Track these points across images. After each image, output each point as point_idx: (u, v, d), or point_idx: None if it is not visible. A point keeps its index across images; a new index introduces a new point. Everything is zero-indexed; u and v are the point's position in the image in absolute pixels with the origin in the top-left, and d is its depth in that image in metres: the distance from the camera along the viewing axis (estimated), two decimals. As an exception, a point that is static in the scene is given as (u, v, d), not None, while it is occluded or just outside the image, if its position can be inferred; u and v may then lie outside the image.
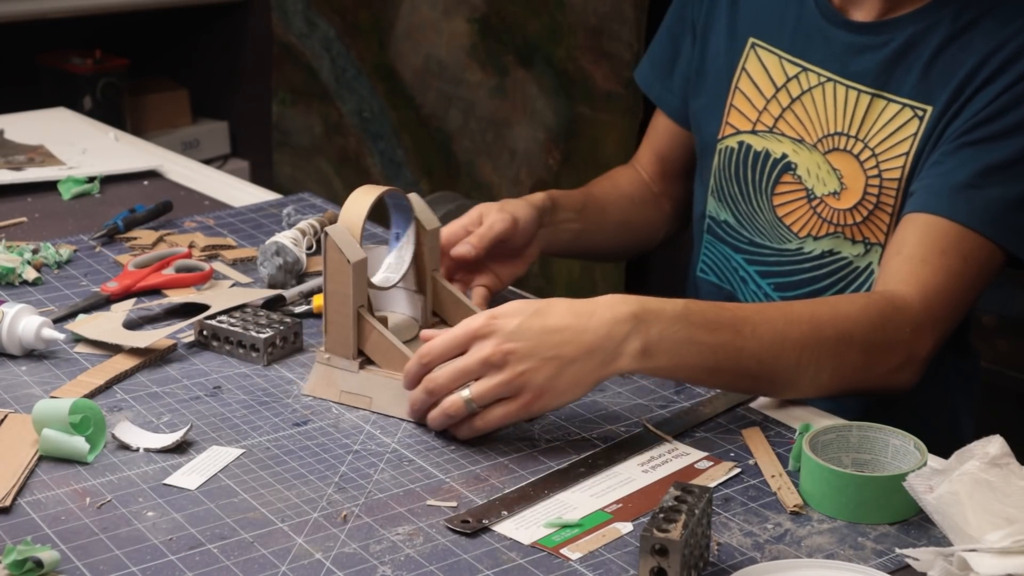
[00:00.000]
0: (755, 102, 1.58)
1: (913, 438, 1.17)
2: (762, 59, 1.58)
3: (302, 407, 1.31)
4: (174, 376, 1.37)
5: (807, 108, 1.54)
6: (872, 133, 1.50)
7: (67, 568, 1.04)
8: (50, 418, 1.19)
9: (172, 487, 1.16)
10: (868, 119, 1.50)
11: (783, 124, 1.56)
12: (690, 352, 1.24)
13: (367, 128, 3.59)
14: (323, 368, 1.32)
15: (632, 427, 1.29)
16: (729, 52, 1.61)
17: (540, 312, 1.23)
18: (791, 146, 1.56)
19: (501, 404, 1.22)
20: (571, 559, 1.07)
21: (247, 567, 1.05)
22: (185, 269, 1.60)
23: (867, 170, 1.50)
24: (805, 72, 1.54)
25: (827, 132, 1.53)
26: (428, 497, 1.16)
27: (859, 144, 1.51)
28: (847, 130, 1.51)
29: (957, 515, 1.05)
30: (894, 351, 1.35)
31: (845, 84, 1.51)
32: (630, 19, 3.00)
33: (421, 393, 1.25)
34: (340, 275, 1.29)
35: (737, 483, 1.19)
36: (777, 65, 1.57)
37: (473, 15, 3.32)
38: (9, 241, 1.68)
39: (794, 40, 1.56)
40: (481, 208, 1.52)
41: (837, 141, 1.52)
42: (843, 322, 1.32)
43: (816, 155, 1.54)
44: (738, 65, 1.60)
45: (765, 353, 1.27)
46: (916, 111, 1.47)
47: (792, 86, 1.55)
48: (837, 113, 1.52)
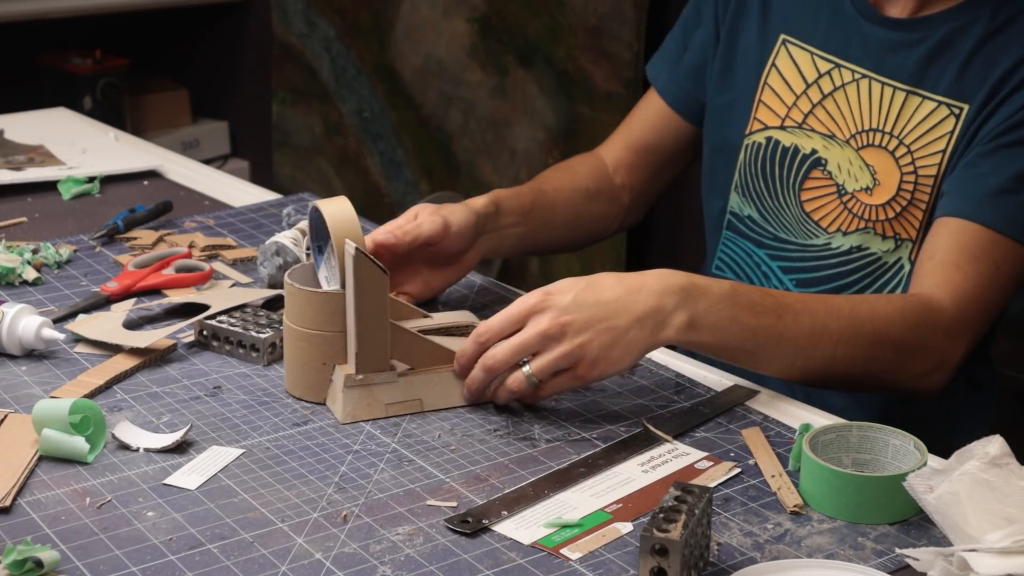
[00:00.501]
0: (784, 98, 1.59)
1: (913, 438, 1.17)
2: (793, 56, 1.58)
3: (302, 407, 1.31)
4: (174, 376, 1.37)
5: (839, 104, 1.54)
6: (908, 130, 1.50)
7: (67, 568, 1.04)
8: (50, 418, 1.19)
9: (172, 487, 1.16)
10: (903, 116, 1.50)
11: (813, 120, 1.56)
12: (732, 331, 1.29)
13: (367, 128, 3.59)
14: (358, 391, 1.28)
15: (632, 427, 1.29)
16: (759, 49, 1.61)
17: (592, 285, 1.27)
18: (821, 142, 1.56)
19: (561, 375, 1.27)
20: (571, 559, 1.07)
21: (247, 567, 1.05)
22: (185, 269, 1.60)
23: (902, 166, 1.50)
24: (838, 68, 1.55)
25: (861, 128, 1.53)
26: (428, 497, 1.16)
27: (894, 140, 1.51)
28: (882, 126, 1.52)
29: (957, 515, 1.05)
30: (927, 355, 1.38)
31: (881, 81, 1.52)
32: (630, 19, 3.00)
33: (480, 372, 1.28)
34: (375, 289, 1.26)
35: (737, 483, 1.19)
36: (809, 61, 1.57)
37: (473, 15, 3.32)
38: (9, 241, 1.68)
39: (828, 37, 1.56)
40: (417, 208, 1.50)
41: (872, 137, 1.52)
42: (880, 320, 1.34)
43: (848, 150, 1.54)
44: (768, 62, 1.60)
45: (803, 340, 1.32)
46: (952, 109, 1.48)
47: (824, 82, 1.56)
48: (872, 110, 1.52)
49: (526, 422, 1.29)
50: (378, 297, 1.27)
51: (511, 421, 1.30)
